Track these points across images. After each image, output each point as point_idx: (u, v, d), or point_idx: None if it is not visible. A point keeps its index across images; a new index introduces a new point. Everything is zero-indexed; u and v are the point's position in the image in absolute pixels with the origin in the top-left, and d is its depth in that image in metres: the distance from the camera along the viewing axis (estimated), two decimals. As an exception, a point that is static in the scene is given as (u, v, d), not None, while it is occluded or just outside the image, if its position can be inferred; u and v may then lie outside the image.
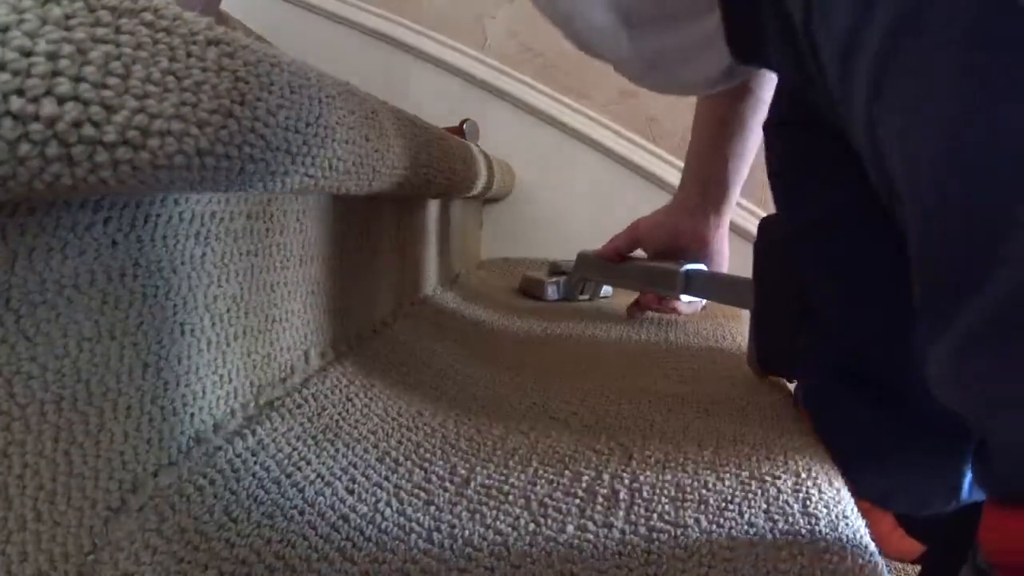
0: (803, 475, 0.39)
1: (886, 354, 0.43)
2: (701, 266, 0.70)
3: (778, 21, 0.34)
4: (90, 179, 0.22)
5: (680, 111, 1.30)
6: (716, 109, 0.63)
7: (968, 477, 0.43)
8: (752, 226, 1.22)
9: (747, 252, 0.71)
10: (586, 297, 1.00)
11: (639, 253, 0.77)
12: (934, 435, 0.43)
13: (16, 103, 0.20)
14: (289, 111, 0.31)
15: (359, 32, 1.36)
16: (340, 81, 0.40)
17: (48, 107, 0.20)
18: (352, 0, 1.37)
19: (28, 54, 0.20)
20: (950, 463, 0.43)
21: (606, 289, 1.02)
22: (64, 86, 0.21)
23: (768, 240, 0.53)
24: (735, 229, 1.23)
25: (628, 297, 1.04)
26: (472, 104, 1.32)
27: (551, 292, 1.00)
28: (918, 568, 0.54)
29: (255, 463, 0.38)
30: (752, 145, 0.64)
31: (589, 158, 1.31)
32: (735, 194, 0.67)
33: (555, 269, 1.03)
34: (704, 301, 0.74)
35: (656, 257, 0.74)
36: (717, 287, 0.67)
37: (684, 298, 0.71)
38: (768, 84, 0.60)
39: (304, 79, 0.34)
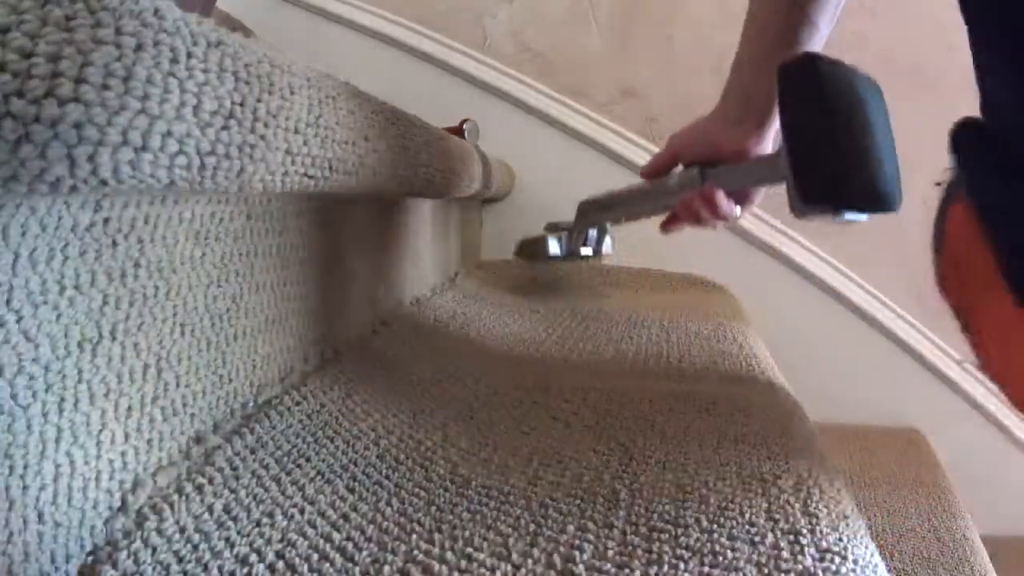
0: (804, 475, 0.39)
1: None
2: None
3: None
4: (91, 180, 0.22)
5: (680, 111, 1.30)
6: (768, 22, 0.62)
7: None
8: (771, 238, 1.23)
9: (753, 262, 0.70)
10: (588, 250, 0.96)
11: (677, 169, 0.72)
12: None
13: (17, 104, 0.20)
14: (289, 112, 0.31)
15: (359, 32, 1.36)
16: (340, 81, 0.40)
17: (49, 108, 0.20)
18: (352, 0, 1.37)
19: (29, 55, 0.20)
20: None
21: (607, 246, 0.98)
22: (65, 87, 0.21)
23: (802, 75, 0.53)
24: (752, 240, 1.23)
25: (624, 293, 1.04)
26: (472, 104, 1.32)
27: (554, 247, 0.95)
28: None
29: (254, 461, 0.38)
30: None
31: (589, 158, 1.31)
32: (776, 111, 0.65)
33: (553, 228, 0.99)
34: (739, 210, 0.70)
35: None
36: (739, 173, 0.65)
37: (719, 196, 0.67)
38: (824, 10, 0.59)
39: (304, 80, 0.34)
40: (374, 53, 1.36)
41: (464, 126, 1.22)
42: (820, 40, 0.61)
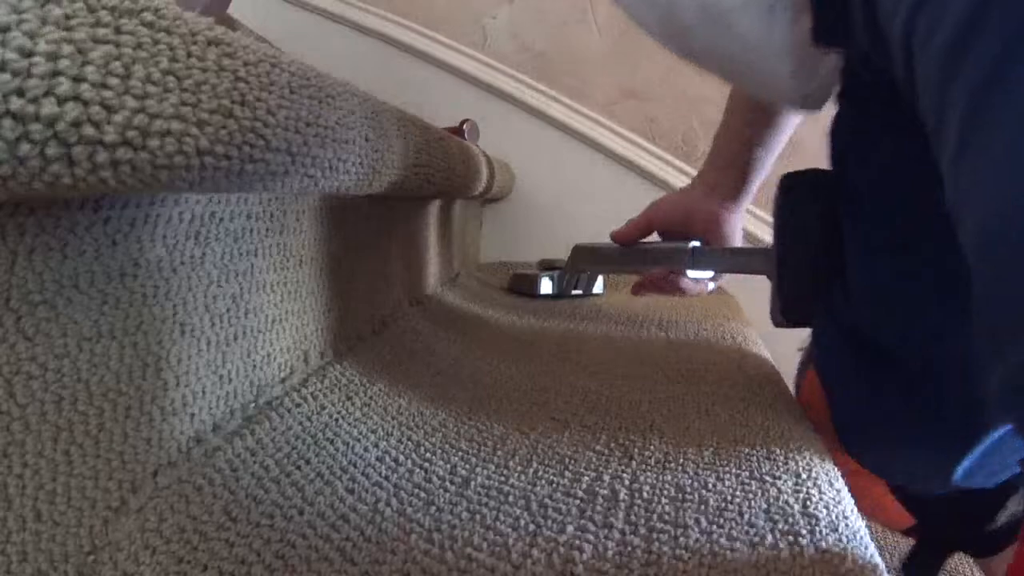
0: (803, 475, 0.39)
1: (909, 334, 0.43)
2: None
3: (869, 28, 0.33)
4: (90, 179, 0.22)
5: (680, 111, 1.30)
6: (750, 99, 0.63)
7: (965, 464, 0.43)
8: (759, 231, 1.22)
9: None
10: (579, 292, 0.99)
11: (653, 237, 0.75)
12: (938, 418, 0.43)
13: (16, 103, 0.20)
14: (289, 111, 0.31)
15: (359, 32, 1.36)
16: (340, 81, 0.40)
17: (48, 107, 0.20)
18: (353, 0, 1.37)
19: (28, 54, 0.20)
20: (950, 447, 0.43)
21: (598, 285, 1.02)
22: (64, 86, 0.21)
23: (794, 193, 0.53)
24: (751, 240, 1.23)
25: (621, 294, 1.04)
26: (472, 104, 1.32)
27: (545, 286, 0.98)
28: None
29: (254, 462, 0.38)
30: (780, 139, 0.64)
31: (589, 158, 1.31)
32: (754, 183, 0.66)
33: (547, 265, 1.02)
34: (711, 284, 0.73)
35: (667, 239, 0.73)
36: (727, 258, 0.67)
37: (691, 275, 0.70)
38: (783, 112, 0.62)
39: (304, 79, 0.34)
40: (374, 53, 1.36)
41: (464, 126, 1.22)
42: (793, 116, 0.62)
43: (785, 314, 0.54)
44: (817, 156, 0.49)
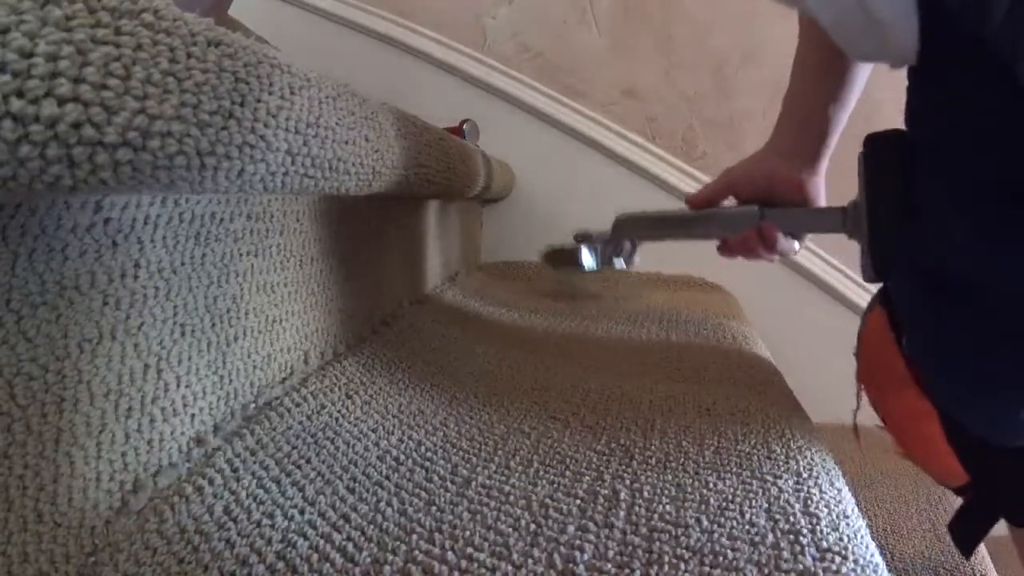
0: (804, 475, 0.39)
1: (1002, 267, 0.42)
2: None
3: None
4: (91, 180, 0.22)
5: (680, 111, 1.30)
6: (819, 54, 0.62)
7: None
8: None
9: (753, 262, 0.70)
10: (621, 262, 0.97)
11: (730, 201, 0.72)
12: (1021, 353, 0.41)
13: (16, 104, 0.20)
14: (289, 112, 0.31)
15: (359, 32, 1.36)
16: (340, 82, 0.40)
17: (48, 108, 0.20)
18: (352, 1, 1.37)
19: (28, 55, 0.20)
20: None
21: (635, 258, 1.00)
22: (64, 87, 0.21)
23: (880, 151, 0.53)
24: None
25: (631, 286, 1.04)
26: (472, 104, 1.32)
27: (588, 259, 0.96)
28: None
29: (255, 462, 0.38)
30: (853, 94, 0.62)
31: (589, 158, 1.31)
32: (833, 142, 0.64)
33: (584, 238, 0.99)
34: (796, 245, 0.71)
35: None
36: (800, 218, 0.65)
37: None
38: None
39: (304, 80, 0.34)
40: (374, 53, 1.36)
41: (464, 126, 1.22)
42: (864, 70, 0.61)
43: (876, 268, 0.54)
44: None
